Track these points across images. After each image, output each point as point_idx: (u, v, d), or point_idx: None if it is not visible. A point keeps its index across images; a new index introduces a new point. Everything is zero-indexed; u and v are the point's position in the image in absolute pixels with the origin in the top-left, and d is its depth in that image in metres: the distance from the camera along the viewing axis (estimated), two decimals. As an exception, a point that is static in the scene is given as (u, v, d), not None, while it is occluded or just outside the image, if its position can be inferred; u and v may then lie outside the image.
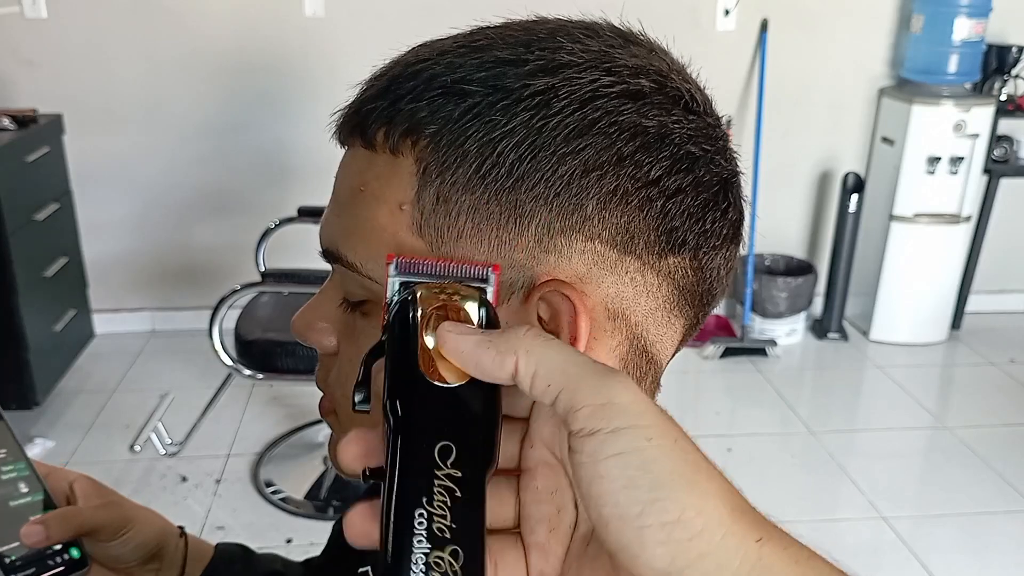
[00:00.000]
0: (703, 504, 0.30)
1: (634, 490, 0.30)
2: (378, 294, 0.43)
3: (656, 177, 0.41)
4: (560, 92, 0.40)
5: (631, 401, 0.31)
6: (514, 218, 0.40)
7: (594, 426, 0.30)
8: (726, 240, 0.45)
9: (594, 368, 0.32)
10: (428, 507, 0.31)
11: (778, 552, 0.31)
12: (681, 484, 0.30)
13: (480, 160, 0.40)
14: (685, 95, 0.43)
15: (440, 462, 0.32)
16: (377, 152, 0.43)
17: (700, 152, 0.42)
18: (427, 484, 0.31)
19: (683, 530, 0.30)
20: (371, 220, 0.42)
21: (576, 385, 0.31)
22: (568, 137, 0.40)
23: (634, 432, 0.30)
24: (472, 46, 0.42)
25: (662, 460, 0.30)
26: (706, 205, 0.43)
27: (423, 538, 0.30)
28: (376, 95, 0.43)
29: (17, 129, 2.63)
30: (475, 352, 0.33)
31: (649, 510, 0.30)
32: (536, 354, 0.32)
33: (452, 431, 0.33)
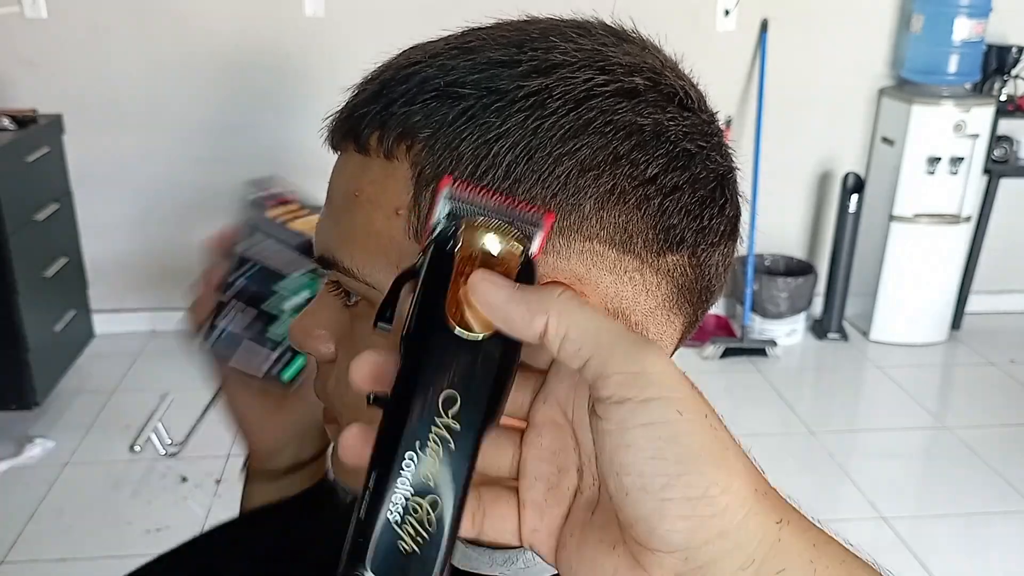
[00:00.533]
0: (729, 482, 0.30)
1: (661, 462, 0.30)
2: (375, 298, 0.43)
3: (653, 175, 0.41)
4: (554, 92, 0.40)
5: (664, 372, 0.31)
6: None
7: (624, 394, 0.30)
8: (724, 237, 0.45)
9: (628, 336, 0.31)
10: (420, 452, 0.31)
11: (797, 535, 0.31)
12: (709, 460, 0.30)
13: (475, 163, 0.40)
14: (679, 92, 0.43)
15: (442, 410, 0.32)
16: (371, 157, 0.42)
17: (696, 149, 0.42)
18: (424, 430, 0.31)
19: (707, 506, 0.29)
20: (367, 226, 0.42)
21: (609, 351, 0.31)
22: (564, 137, 0.40)
23: (665, 403, 0.30)
24: (464, 48, 0.42)
25: (692, 434, 0.30)
26: (703, 202, 0.43)
27: (408, 481, 0.31)
28: (368, 99, 0.43)
29: (17, 129, 2.63)
30: (505, 307, 0.32)
31: (675, 483, 0.29)
32: (569, 316, 0.32)
33: (461, 383, 0.32)
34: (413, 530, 0.30)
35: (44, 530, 2.21)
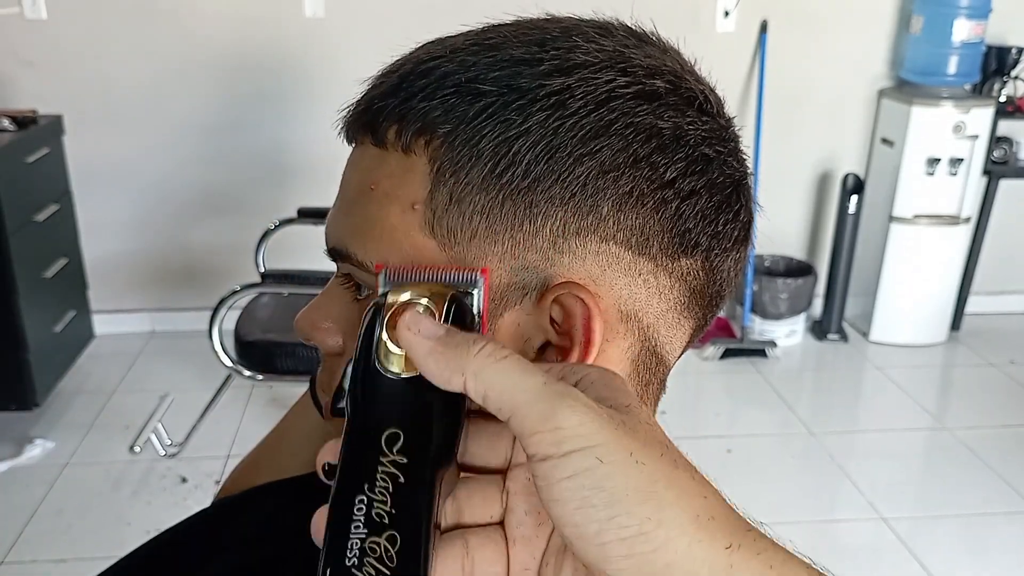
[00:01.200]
0: (661, 515, 0.30)
1: (589, 509, 0.30)
2: None
3: (671, 179, 0.41)
4: (576, 92, 0.40)
5: (579, 423, 0.30)
6: (529, 219, 0.40)
7: (545, 452, 0.30)
8: (737, 242, 0.45)
9: (542, 391, 0.31)
10: (369, 493, 0.31)
11: (750, 558, 0.30)
12: (636, 498, 0.30)
13: (495, 160, 0.40)
14: (699, 96, 0.43)
15: (386, 449, 0.32)
16: (388, 150, 0.42)
17: (714, 154, 0.42)
18: (370, 471, 0.31)
19: (645, 542, 0.29)
20: (382, 219, 0.42)
21: (525, 411, 0.31)
22: (584, 138, 0.40)
23: (584, 454, 0.30)
24: (485, 44, 0.42)
25: (615, 477, 0.30)
26: (719, 207, 0.43)
27: (360, 523, 0.31)
28: (387, 92, 0.43)
29: (17, 129, 2.63)
30: (425, 361, 0.33)
31: (607, 527, 0.30)
32: (484, 377, 0.32)
33: (400, 419, 0.33)
34: (373, 570, 0.30)
35: (44, 530, 2.21)
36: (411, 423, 0.33)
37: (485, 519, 0.35)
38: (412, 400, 0.33)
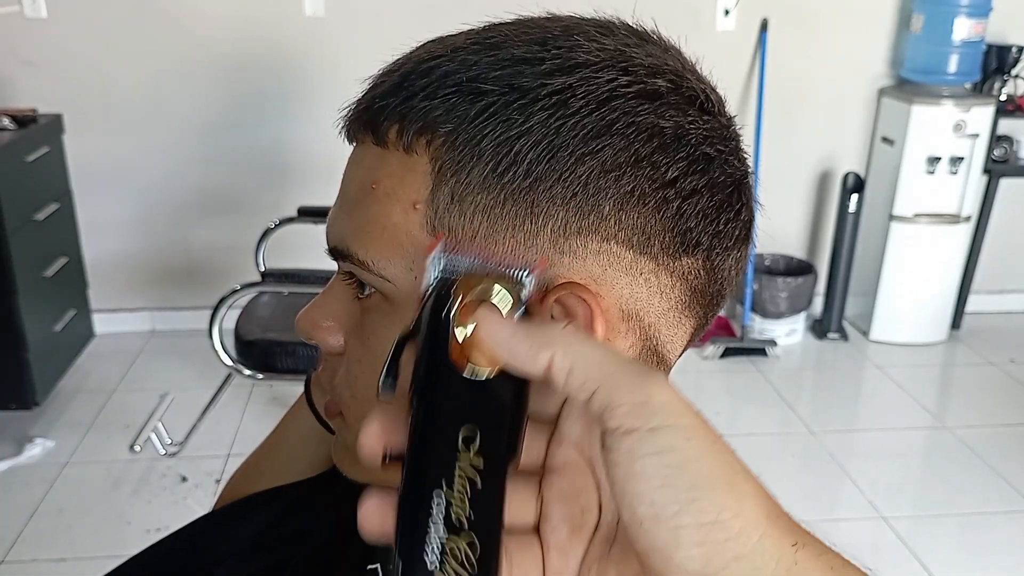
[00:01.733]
0: (740, 506, 0.30)
1: (671, 489, 0.29)
2: (389, 291, 0.43)
3: (673, 178, 0.41)
4: (577, 92, 0.40)
5: (669, 400, 0.31)
6: (530, 218, 0.40)
7: (631, 424, 0.30)
8: (738, 241, 0.45)
9: (632, 366, 0.31)
10: (447, 492, 0.30)
11: (813, 558, 0.31)
12: (719, 485, 0.30)
13: (496, 160, 0.40)
14: (700, 95, 0.43)
15: (463, 447, 0.31)
16: (389, 149, 0.42)
17: (715, 153, 0.42)
18: (448, 469, 0.31)
19: (720, 531, 0.29)
20: (383, 218, 0.42)
21: (614, 382, 0.31)
22: (586, 137, 0.40)
23: (672, 431, 0.30)
24: (486, 43, 0.42)
25: (700, 460, 0.30)
26: (720, 206, 0.43)
27: (440, 523, 0.30)
28: (388, 91, 0.43)
29: (17, 129, 2.63)
30: (510, 342, 0.32)
31: (687, 509, 0.29)
32: (573, 350, 0.32)
33: (477, 419, 0.32)
34: (454, 572, 0.30)
35: (44, 530, 2.21)
36: (487, 422, 0.32)
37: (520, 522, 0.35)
38: (486, 397, 0.33)
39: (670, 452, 0.30)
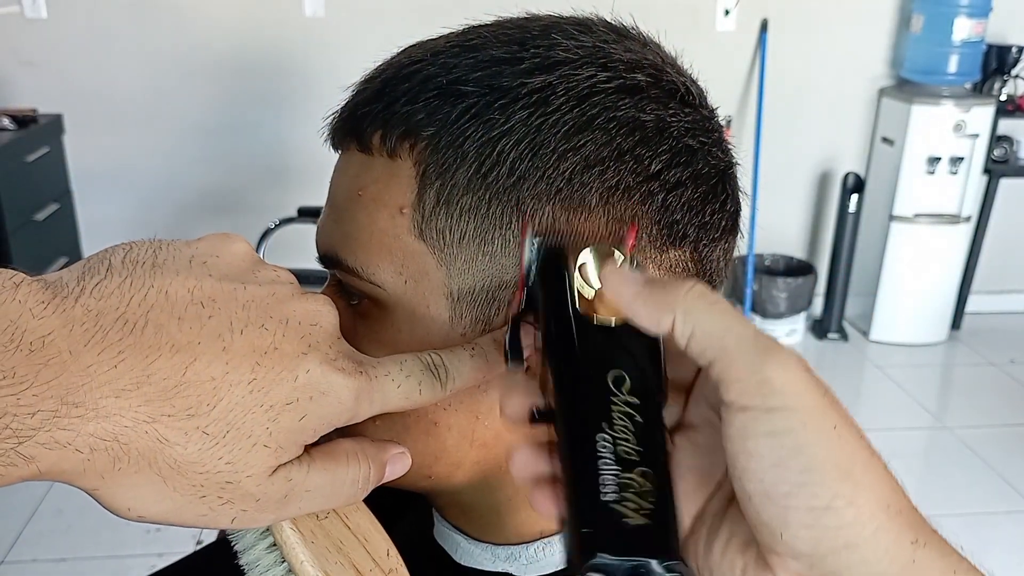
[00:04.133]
0: (855, 495, 0.29)
1: (783, 470, 0.29)
2: (380, 296, 0.43)
3: (656, 171, 0.41)
4: (557, 89, 0.40)
5: (791, 381, 0.30)
6: (517, 217, 0.40)
7: (747, 402, 0.29)
8: (725, 232, 0.45)
9: (755, 341, 0.30)
10: (611, 431, 0.30)
11: (935, 559, 0.30)
12: (834, 472, 0.29)
13: (480, 160, 0.40)
14: (680, 88, 0.43)
15: (615, 389, 0.31)
16: (374, 156, 0.42)
17: (698, 145, 0.43)
18: (605, 410, 0.31)
19: (832, 517, 0.29)
20: (371, 224, 0.42)
21: (733, 357, 0.30)
22: (568, 134, 0.40)
23: (789, 414, 0.29)
24: (466, 45, 0.42)
25: (816, 445, 0.29)
26: (705, 197, 0.43)
27: (610, 461, 0.30)
28: (370, 98, 0.43)
29: (17, 129, 2.63)
30: (633, 303, 0.32)
31: (797, 492, 0.29)
32: (694, 317, 0.31)
33: (622, 362, 0.32)
34: (635, 504, 0.29)
35: (44, 530, 2.21)
36: (632, 365, 0.32)
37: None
38: (627, 345, 0.33)
39: (785, 434, 0.29)
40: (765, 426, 0.29)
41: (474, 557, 0.49)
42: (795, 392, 0.29)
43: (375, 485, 0.36)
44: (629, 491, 0.29)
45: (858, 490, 0.29)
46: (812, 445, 0.29)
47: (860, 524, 0.29)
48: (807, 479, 0.29)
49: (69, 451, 0.28)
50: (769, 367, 0.30)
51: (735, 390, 0.30)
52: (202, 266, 0.32)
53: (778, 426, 0.29)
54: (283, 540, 0.36)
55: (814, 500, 0.29)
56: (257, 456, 0.31)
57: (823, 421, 0.29)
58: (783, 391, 0.29)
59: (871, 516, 0.29)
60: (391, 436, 0.42)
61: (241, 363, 0.30)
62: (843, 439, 0.30)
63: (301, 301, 0.34)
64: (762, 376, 0.29)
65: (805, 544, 0.29)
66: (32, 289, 0.28)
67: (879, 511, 0.29)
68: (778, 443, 0.29)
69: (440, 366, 0.36)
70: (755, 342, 0.30)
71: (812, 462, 0.29)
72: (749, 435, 0.29)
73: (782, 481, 0.29)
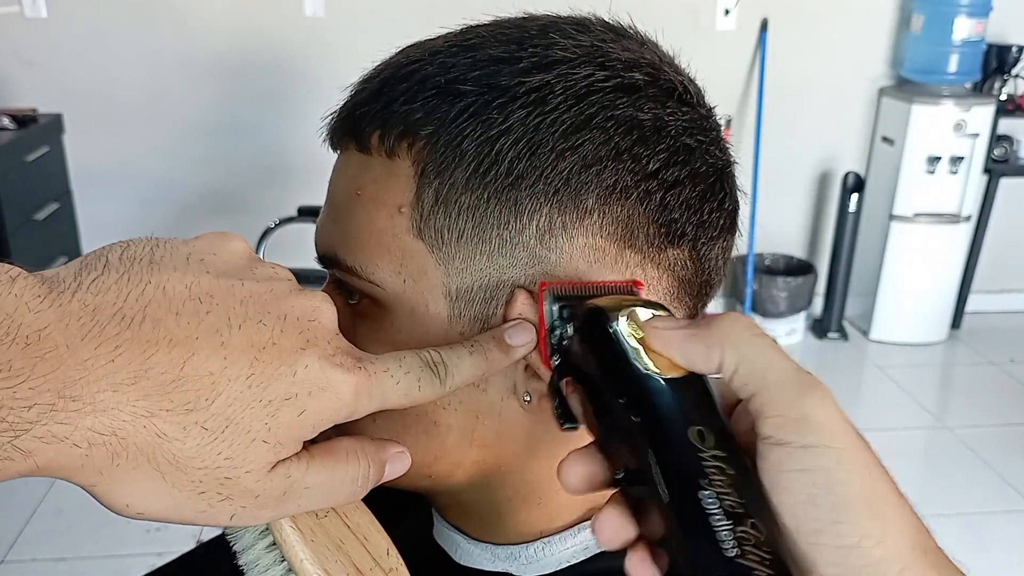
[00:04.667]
0: (884, 535, 0.29)
1: (814, 508, 0.29)
2: (379, 296, 0.43)
3: (654, 170, 0.41)
4: (555, 88, 0.40)
5: (828, 419, 0.30)
6: (515, 216, 0.40)
7: (783, 437, 0.30)
8: (723, 230, 0.45)
9: (796, 378, 0.31)
10: (711, 487, 0.30)
11: None
12: (864, 511, 0.30)
13: (478, 160, 0.40)
14: (678, 87, 0.43)
15: (700, 445, 0.31)
16: (372, 155, 0.42)
17: (695, 143, 0.43)
18: (697, 467, 0.31)
19: (859, 556, 0.29)
20: (369, 224, 0.42)
21: (773, 392, 0.31)
22: (566, 133, 0.40)
23: (824, 452, 0.30)
24: (464, 45, 0.42)
25: (849, 484, 0.30)
26: (703, 196, 0.43)
27: (720, 516, 0.30)
28: (368, 98, 0.43)
29: (17, 129, 2.63)
30: (683, 345, 0.33)
31: (827, 530, 0.29)
32: (739, 350, 0.32)
33: (699, 416, 0.32)
34: (757, 557, 0.29)
35: (44, 529, 2.21)
36: (707, 418, 0.33)
37: None
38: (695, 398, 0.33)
39: (819, 472, 0.30)
40: (800, 462, 0.30)
41: (474, 557, 0.49)
42: (832, 431, 0.30)
43: (375, 484, 0.36)
44: (747, 544, 0.29)
45: (887, 530, 0.30)
46: (845, 484, 0.30)
47: (887, 563, 0.29)
48: (838, 516, 0.29)
49: (67, 445, 0.28)
50: (808, 404, 0.30)
51: (773, 424, 0.30)
52: (200, 263, 0.32)
53: (813, 463, 0.30)
54: (282, 539, 0.36)
55: (843, 539, 0.29)
56: (256, 452, 0.31)
57: (857, 461, 0.30)
58: (820, 429, 0.30)
59: (898, 556, 0.30)
60: (391, 435, 0.42)
61: (239, 358, 0.30)
62: (875, 479, 0.30)
63: (299, 297, 0.33)
64: (801, 413, 0.30)
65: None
66: (28, 283, 0.28)
67: (906, 551, 0.30)
68: (811, 480, 0.30)
69: (439, 363, 0.36)
70: (797, 379, 0.31)
71: (844, 500, 0.29)
72: (784, 470, 0.30)
73: (813, 518, 0.29)
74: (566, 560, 0.47)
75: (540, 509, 0.47)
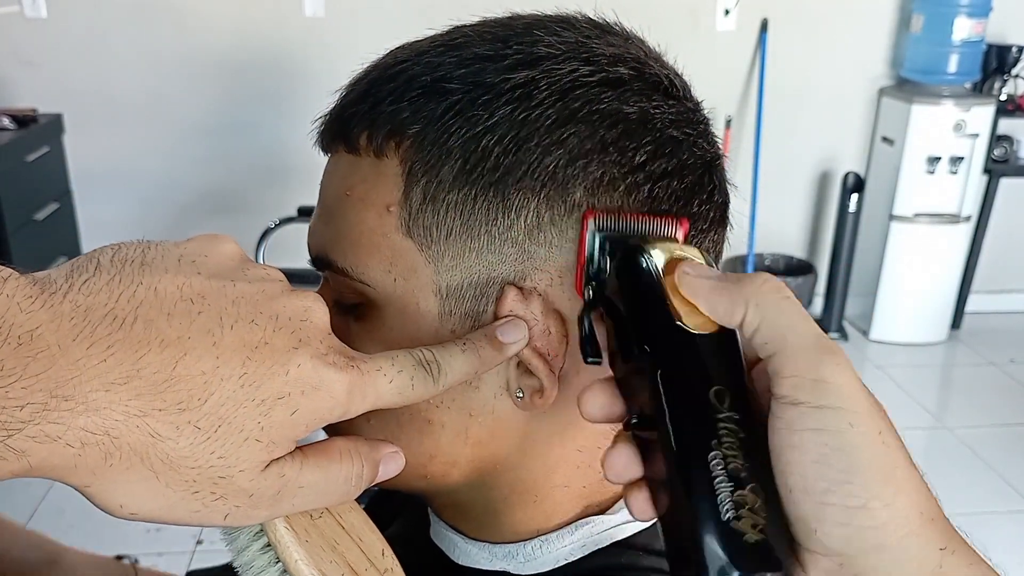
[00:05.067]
0: (893, 499, 0.30)
1: (824, 467, 0.30)
2: (370, 295, 0.43)
3: (641, 162, 0.41)
4: (540, 84, 0.40)
5: (844, 383, 0.31)
6: (503, 212, 0.40)
7: (798, 397, 0.31)
8: (713, 223, 0.45)
9: (816, 341, 0.32)
10: (720, 448, 0.31)
11: (961, 566, 0.31)
12: (874, 474, 0.30)
13: (465, 156, 0.40)
14: (664, 81, 0.43)
15: (719, 405, 0.32)
16: (361, 156, 0.43)
17: (682, 136, 0.43)
18: (712, 427, 0.31)
19: (866, 517, 0.30)
20: (359, 224, 0.42)
21: (792, 353, 0.31)
22: (551, 128, 0.40)
23: (839, 414, 0.30)
24: (450, 44, 0.43)
25: (861, 447, 0.30)
26: (692, 188, 0.43)
27: (724, 478, 0.30)
28: (356, 99, 0.43)
29: (17, 129, 2.63)
30: (710, 296, 0.33)
31: (836, 490, 0.30)
32: (763, 309, 0.32)
33: (721, 375, 0.33)
34: (751, 522, 0.30)
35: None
36: (730, 378, 0.33)
37: None
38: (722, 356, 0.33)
39: (831, 433, 0.30)
40: (813, 422, 0.30)
41: (471, 556, 0.49)
42: (847, 394, 0.31)
43: (368, 484, 0.36)
44: (744, 508, 0.30)
45: (896, 494, 0.30)
46: (857, 447, 0.30)
47: (893, 526, 0.30)
48: (847, 477, 0.30)
49: (60, 445, 0.28)
50: (826, 367, 0.31)
51: (789, 384, 0.31)
52: (191, 264, 0.32)
53: (826, 423, 0.30)
54: (277, 539, 0.36)
55: (851, 499, 0.30)
56: (249, 451, 0.31)
57: (871, 425, 0.31)
58: (836, 391, 0.30)
59: (905, 520, 0.30)
60: (385, 435, 0.42)
61: (232, 358, 0.30)
62: (888, 445, 0.31)
63: (291, 297, 0.34)
64: (818, 374, 0.31)
65: (837, 542, 0.30)
66: (20, 284, 0.28)
67: (913, 516, 0.30)
68: (823, 440, 0.30)
69: (432, 361, 0.36)
70: (816, 343, 0.31)
71: (854, 462, 0.30)
72: (796, 429, 0.30)
73: (822, 477, 0.30)
74: (563, 558, 0.47)
75: (536, 507, 0.47)
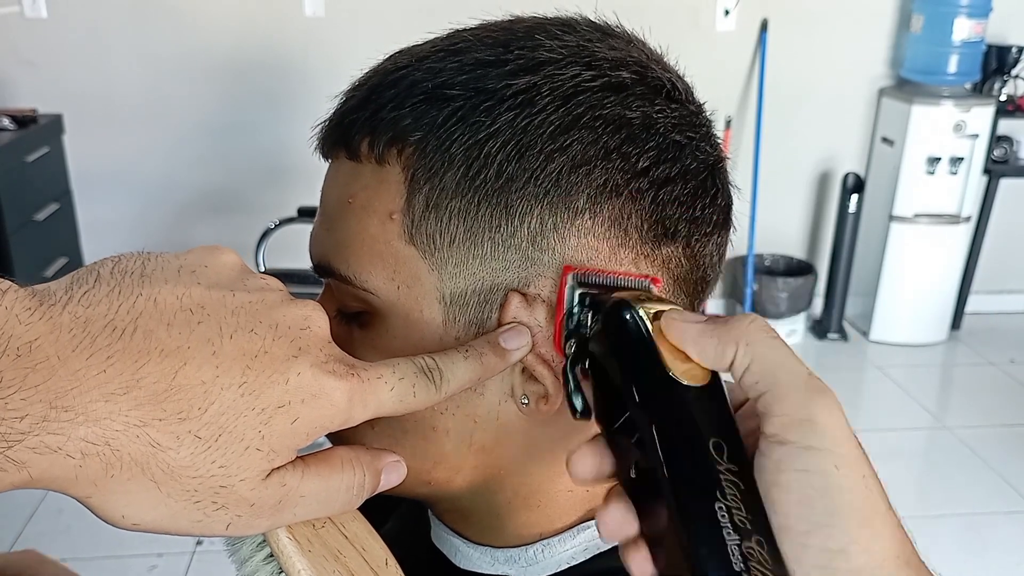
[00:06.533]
0: (871, 544, 0.30)
1: (807, 508, 0.30)
2: (373, 303, 0.43)
3: (644, 168, 0.41)
4: (542, 89, 0.40)
5: (832, 425, 0.31)
6: (506, 219, 0.40)
7: (787, 437, 0.31)
8: (717, 227, 0.45)
9: (806, 381, 0.32)
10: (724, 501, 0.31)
11: None
12: (855, 518, 0.30)
13: (467, 163, 0.40)
14: (666, 84, 0.43)
15: (718, 457, 0.32)
16: (362, 163, 0.42)
17: (685, 140, 0.42)
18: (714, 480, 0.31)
19: (843, 560, 0.30)
20: (361, 232, 0.42)
21: (782, 392, 0.31)
22: (554, 134, 0.40)
23: (825, 456, 0.30)
24: (450, 50, 0.42)
25: (844, 491, 0.30)
26: (695, 192, 0.43)
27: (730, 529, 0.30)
28: (357, 106, 0.43)
29: (17, 129, 2.63)
30: (699, 339, 0.33)
31: (816, 531, 0.30)
32: (753, 349, 0.32)
33: (717, 428, 0.33)
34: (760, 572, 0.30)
35: (44, 530, 2.21)
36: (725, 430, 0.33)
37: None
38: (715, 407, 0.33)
39: (817, 475, 0.30)
40: (800, 463, 0.30)
41: (473, 560, 0.49)
42: (835, 436, 0.31)
43: (371, 493, 0.36)
44: (752, 560, 0.30)
45: (874, 539, 0.30)
46: (841, 489, 0.30)
47: (870, 570, 0.30)
48: (829, 520, 0.30)
49: (60, 456, 0.28)
50: (815, 407, 0.31)
51: (778, 423, 0.31)
52: (191, 275, 0.32)
53: (812, 465, 0.30)
54: (280, 549, 0.36)
55: (831, 541, 0.30)
56: (250, 460, 0.31)
57: (855, 469, 0.31)
58: (824, 433, 0.31)
59: (881, 564, 0.30)
60: (389, 442, 0.42)
61: (232, 367, 0.30)
62: (869, 489, 0.31)
63: (291, 307, 0.34)
64: (807, 414, 0.31)
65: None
66: (19, 296, 0.28)
67: (889, 561, 0.30)
68: (809, 481, 0.30)
69: (434, 369, 0.36)
70: (806, 382, 0.32)
71: (836, 506, 0.30)
72: (783, 469, 0.31)
73: (805, 519, 0.30)
74: (565, 562, 0.47)
75: (539, 512, 0.47)
